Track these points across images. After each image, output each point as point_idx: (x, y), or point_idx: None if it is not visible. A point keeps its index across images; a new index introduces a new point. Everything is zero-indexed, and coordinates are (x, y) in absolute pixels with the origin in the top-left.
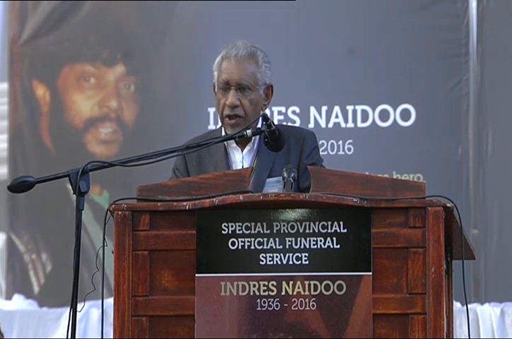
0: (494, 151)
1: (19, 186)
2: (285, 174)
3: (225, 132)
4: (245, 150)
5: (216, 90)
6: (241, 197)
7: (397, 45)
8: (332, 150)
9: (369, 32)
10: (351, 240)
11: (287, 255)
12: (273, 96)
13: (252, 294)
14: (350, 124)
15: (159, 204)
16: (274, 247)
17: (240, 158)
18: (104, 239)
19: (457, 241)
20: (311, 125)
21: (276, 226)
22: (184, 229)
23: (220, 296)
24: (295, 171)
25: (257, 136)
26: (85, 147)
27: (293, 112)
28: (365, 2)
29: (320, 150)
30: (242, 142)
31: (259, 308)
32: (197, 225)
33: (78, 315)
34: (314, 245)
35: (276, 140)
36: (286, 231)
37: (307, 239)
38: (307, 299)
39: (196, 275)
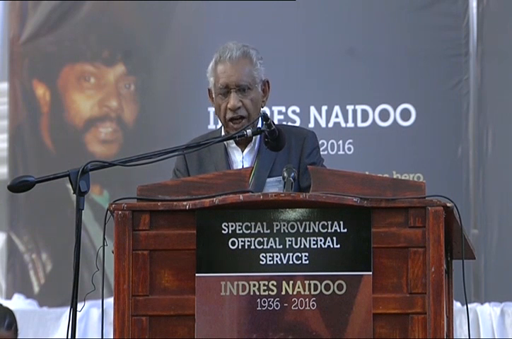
0: (494, 151)
1: (19, 186)
2: (285, 174)
3: (226, 132)
4: (246, 150)
5: (213, 96)
6: (241, 197)
7: (397, 45)
8: (332, 150)
9: (369, 32)
10: (351, 240)
11: (287, 255)
12: (270, 91)
13: (252, 293)
14: (350, 124)
15: (159, 204)
16: (274, 247)
17: (241, 158)
18: (104, 238)
19: (457, 240)
20: (311, 125)
21: (276, 226)
22: (184, 228)
23: (221, 296)
24: (295, 171)
25: (258, 136)
26: (85, 147)
27: (293, 112)
28: (365, 2)
29: (320, 149)
30: (243, 142)
31: (259, 308)
32: (197, 225)
33: (78, 315)
34: (314, 245)
35: (276, 140)
36: (286, 231)
37: (308, 238)
38: (307, 299)
39: (197, 274)
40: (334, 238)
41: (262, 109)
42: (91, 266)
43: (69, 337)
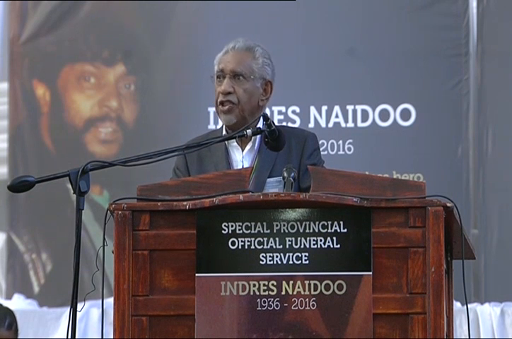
0: (494, 151)
1: (19, 186)
2: (285, 174)
3: (226, 132)
4: (246, 149)
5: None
6: (241, 197)
7: (397, 45)
8: (332, 150)
9: (369, 32)
10: (351, 240)
11: (287, 255)
12: (272, 93)
13: (252, 293)
14: (350, 124)
15: (159, 204)
16: (274, 247)
17: (241, 157)
18: (104, 238)
19: (457, 240)
20: (311, 125)
21: (276, 226)
22: (184, 228)
23: (221, 296)
24: (295, 171)
25: (258, 136)
26: (85, 147)
27: (293, 112)
28: (365, 2)
29: (320, 149)
30: (243, 140)
31: (259, 308)
32: (197, 225)
33: (78, 315)
34: (314, 245)
35: (276, 140)
36: (286, 231)
37: (308, 238)
38: (307, 299)
39: (197, 274)
40: (334, 238)
41: (262, 108)
42: (91, 266)
43: (69, 337)
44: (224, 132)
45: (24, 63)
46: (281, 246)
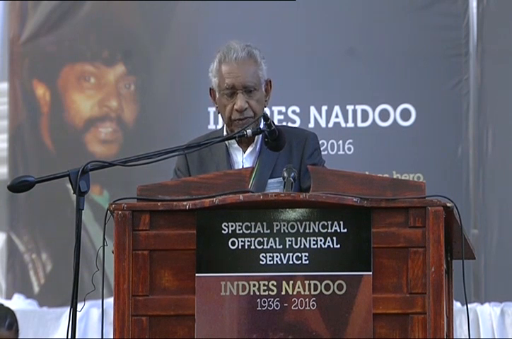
0: (494, 151)
1: (19, 186)
2: (285, 174)
3: (227, 132)
4: (248, 151)
5: (216, 95)
6: (241, 197)
7: (397, 45)
8: (332, 150)
9: (369, 32)
10: (351, 240)
11: (287, 255)
12: (271, 90)
13: (252, 293)
14: (350, 124)
15: (159, 204)
16: (274, 247)
17: (242, 159)
18: (104, 238)
19: (457, 240)
20: (311, 125)
21: (276, 226)
22: (184, 228)
23: (221, 296)
24: (296, 171)
25: (260, 138)
26: (85, 147)
27: (293, 112)
28: (365, 2)
29: (321, 150)
30: (245, 143)
31: (259, 308)
32: (197, 225)
33: (78, 315)
34: (314, 245)
35: (276, 140)
36: (286, 231)
37: (308, 238)
38: (307, 299)
39: (197, 274)
40: (334, 238)
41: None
42: (91, 266)
43: (69, 337)
44: (225, 132)
45: (24, 63)
46: (281, 246)
